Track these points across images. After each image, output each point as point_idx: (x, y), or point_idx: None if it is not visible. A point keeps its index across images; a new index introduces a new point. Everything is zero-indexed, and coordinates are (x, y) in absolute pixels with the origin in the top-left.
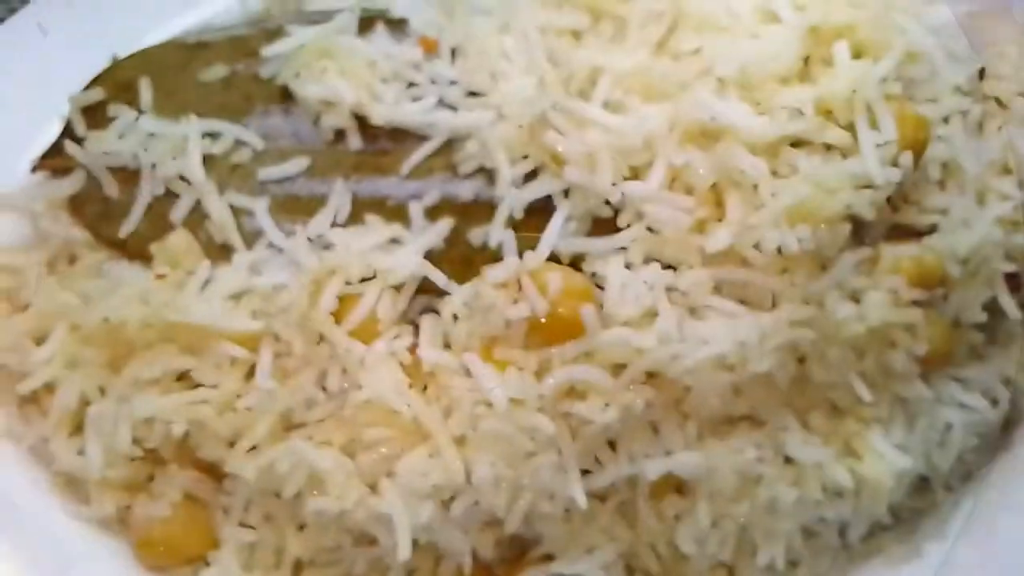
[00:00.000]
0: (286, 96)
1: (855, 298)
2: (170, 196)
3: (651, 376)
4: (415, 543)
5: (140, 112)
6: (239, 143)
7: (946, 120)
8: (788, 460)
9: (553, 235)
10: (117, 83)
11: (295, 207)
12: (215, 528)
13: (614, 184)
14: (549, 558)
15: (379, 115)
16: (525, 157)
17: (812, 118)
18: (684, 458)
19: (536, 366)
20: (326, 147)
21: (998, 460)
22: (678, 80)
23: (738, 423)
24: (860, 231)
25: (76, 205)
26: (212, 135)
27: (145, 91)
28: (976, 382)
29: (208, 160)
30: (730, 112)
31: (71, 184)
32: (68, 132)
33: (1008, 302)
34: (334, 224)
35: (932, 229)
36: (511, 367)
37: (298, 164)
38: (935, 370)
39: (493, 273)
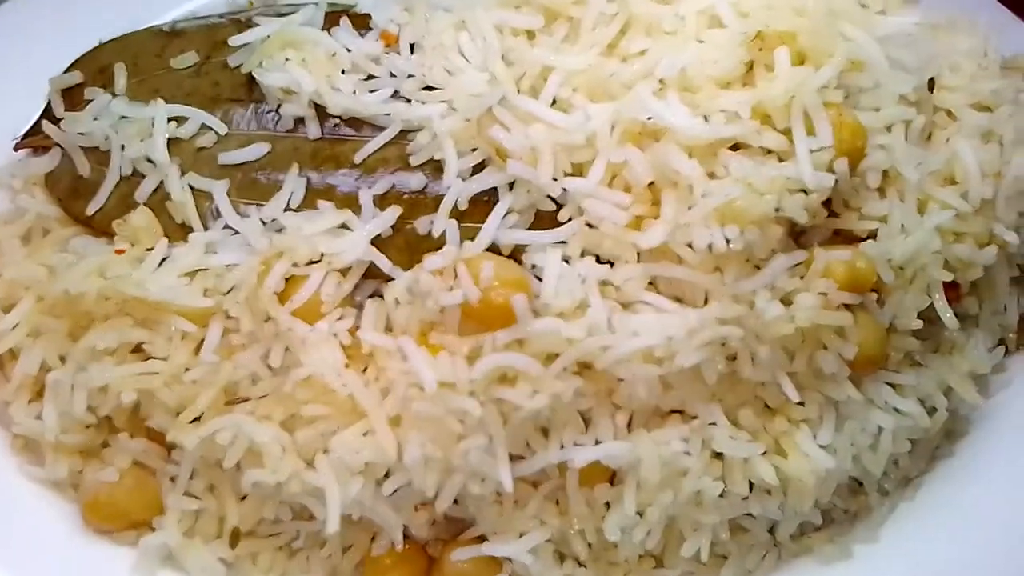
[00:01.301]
0: (251, 84)
1: (787, 300)
2: (137, 176)
3: (584, 367)
4: (348, 518)
5: (115, 95)
6: (204, 127)
7: (889, 129)
8: (716, 455)
9: (493, 226)
10: (95, 67)
11: (253, 191)
12: (161, 495)
13: (555, 179)
14: (482, 539)
15: (336, 105)
16: (474, 150)
17: (748, 122)
18: (612, 447)
19: (468, 352)
20: (286, 134)
21: (938, 467)
22: (623, 81)
23: (669, 416)
24: (800, 235)
25: (51, 182)
26: (179, 119)
27: (120, 75)
28: (912, 388)
29: (174, 143)
30: (667, 113)
31: (48, 162)
32: (48, 112)
33: (944, 310)
34: (287, 208)
35: (872, 235)
36: (443, 351)
37: (258, 149)
38: (868, 374)
39: (431, 260)
